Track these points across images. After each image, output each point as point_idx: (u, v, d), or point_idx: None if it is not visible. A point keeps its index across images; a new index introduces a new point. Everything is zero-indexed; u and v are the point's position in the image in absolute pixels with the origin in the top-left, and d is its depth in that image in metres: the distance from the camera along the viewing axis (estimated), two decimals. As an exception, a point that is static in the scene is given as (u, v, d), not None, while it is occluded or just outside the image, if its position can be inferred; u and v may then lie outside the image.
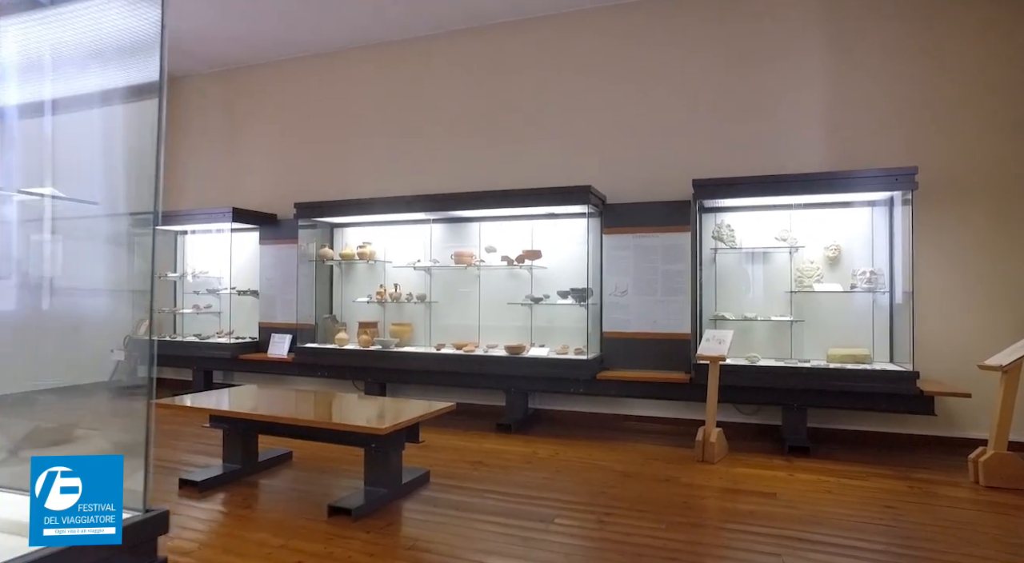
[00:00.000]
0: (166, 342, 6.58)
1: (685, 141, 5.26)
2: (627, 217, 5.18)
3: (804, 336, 4.77)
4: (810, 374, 4.32)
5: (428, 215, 5.75)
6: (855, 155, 4.73)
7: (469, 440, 4.75)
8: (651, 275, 5.07)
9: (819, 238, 4.76)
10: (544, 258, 5.45)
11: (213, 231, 6.81)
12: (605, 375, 4.90)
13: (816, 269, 4.68)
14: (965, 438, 4.44)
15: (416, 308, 5.95)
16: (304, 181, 6.69)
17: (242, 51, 6.75)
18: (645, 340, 5.06)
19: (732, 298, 4.97)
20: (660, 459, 4.21)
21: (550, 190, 5.06)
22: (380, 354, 5.56)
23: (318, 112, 6.71)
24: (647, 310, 5.07)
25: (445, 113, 6.13)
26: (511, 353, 5.15)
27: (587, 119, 5.59)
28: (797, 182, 4.41)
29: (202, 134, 7.32)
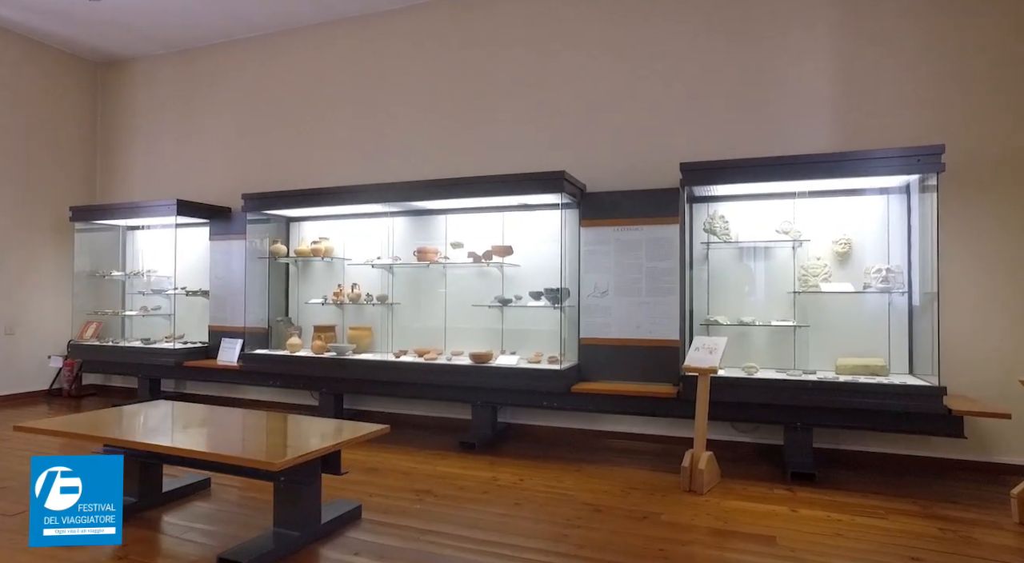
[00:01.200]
0: (109, 347, 6.01)
1: (673, 123, 4.64)
2: (607, 207, 4.57)
3: (809, 343, 4.15)
4: (816, 388, 3.69)
5: (390, 207, 5.15)
6: (868, 138, 4.10)
7: (424, 461, 4.15)
8: (634, 273, 4.46)
9: (826, 231, 4.14)
10: (517, 254, 4.85)
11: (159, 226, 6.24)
12: (581, 388, 4.29)
13: (823, 266, 4.05)
14: (1003, 465, 3.81)
15: (378, 310, 5.36)
16: (263, 171, 6.11)
17: (197, 30, 6.17)
18: (628, 347, 4.44)
19: (726, 300, 4.35)
20: (641, 487, 3.59)
21: (520, 177, 4.45)
22: (334, 362, 4.97)
23: (278, 96, 6.13)
24: (630, 313, 4.45)
25: (413, 96, 5.54)
26: (476, 362, 4.54)
27: (566, 100, 4.98)
28: (801, 165, 3.79)
29: (153, 120, 6.75)
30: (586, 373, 4.54)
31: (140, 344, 5.94)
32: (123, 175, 6.89)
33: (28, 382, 6.38)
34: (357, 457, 4.21)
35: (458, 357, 4.79)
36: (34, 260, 6.40)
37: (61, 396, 6.51)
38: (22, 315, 6.32)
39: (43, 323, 6.43)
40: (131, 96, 6.90)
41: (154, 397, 6.04)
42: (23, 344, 6.32)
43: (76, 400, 6.44)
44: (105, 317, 6.31)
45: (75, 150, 6.86)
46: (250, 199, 5.35)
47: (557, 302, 4.54)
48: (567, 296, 4.62)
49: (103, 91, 7.05)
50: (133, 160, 6.86)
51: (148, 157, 6.76)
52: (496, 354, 4.74)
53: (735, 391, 3.84)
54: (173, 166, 6.61)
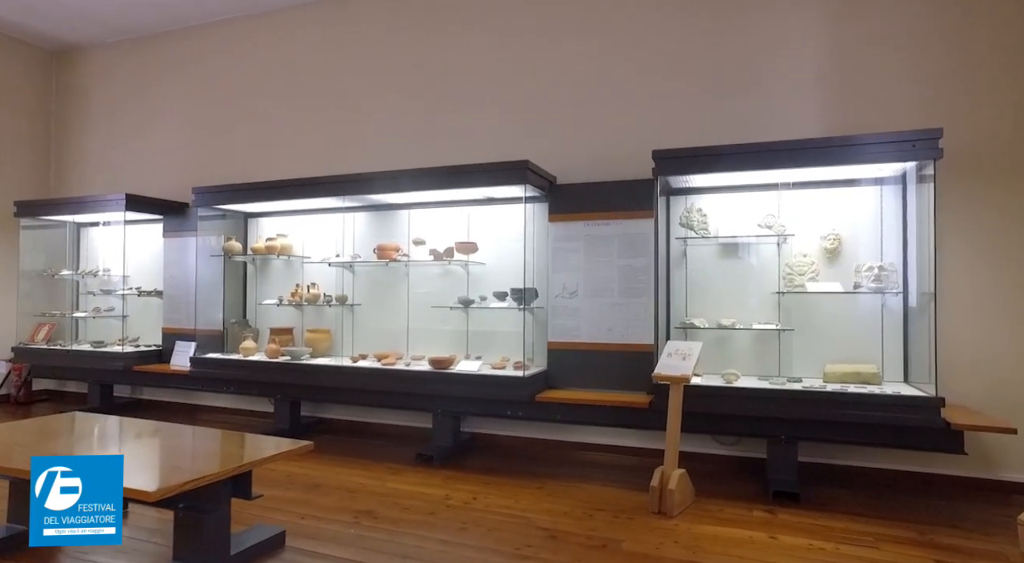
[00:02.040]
0: (56, 351, 5.67)
1: (649, 109, 4.29)
2: (576, 200, 4.22)
3: (796, 349, 3.80)
4: (801, 398, 3.34)
5: (348, 202, 4.81)
6: (859, 125, 3.74)
7: (375, 476, 3.80)
8: (606, 272, 4.11)
9: (814, 226, 3.79)
10: (483, 252, 4.51)
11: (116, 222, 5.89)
12: (546, 397, 3.94)
13: (810, 264, 3.70)
14: (1008, 483, 3.46)
15: (338, 312, 5.01)
16: (222, 164, 5.76)
17: (154, 15, 5.84)
18: (599, 352, 4.09)
19: (706, 301, 4.00)
20: (606, 508, 3.24)
21: (482, 167, 4.10)
22: (286, 367, 4.62)
23: (238, 85, 5.79)
24: (601, 315, 4.10)
25: (379, 85, 5.20)
26: (436, 368, 4.20)
27: (536, 86, 4.63)
28: (785, 152, 3.44)
29: (110, 111, 6.41)
30: (554, 380, 4.18)
31: (89, 347, 5.59)
32: (79, 168, 6.56)
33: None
34: (301, 471, 3.87)
35: (419, 362, 4.44)
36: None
37: (9, 402, 6.16)
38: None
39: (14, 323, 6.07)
40: (87, 86, 6.56)
41: (105, 403, 5.72)
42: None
43: (26, 406, 6.10)
44: (54, 318, 5.96)
45: (27, 142, 6.52)
46: (201, 193, 5.01)
47: (526, 303, 4.19)
48: (534, 297, 4.28)
49: (58, 80, 6.71)
50: (89, 153, 6.52)
51: (105, 150, 6.42)
52: (459, 359, 4.40)
53: (713, 401, 3.48)
54: (130, 159, 6.26)
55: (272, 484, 3.61)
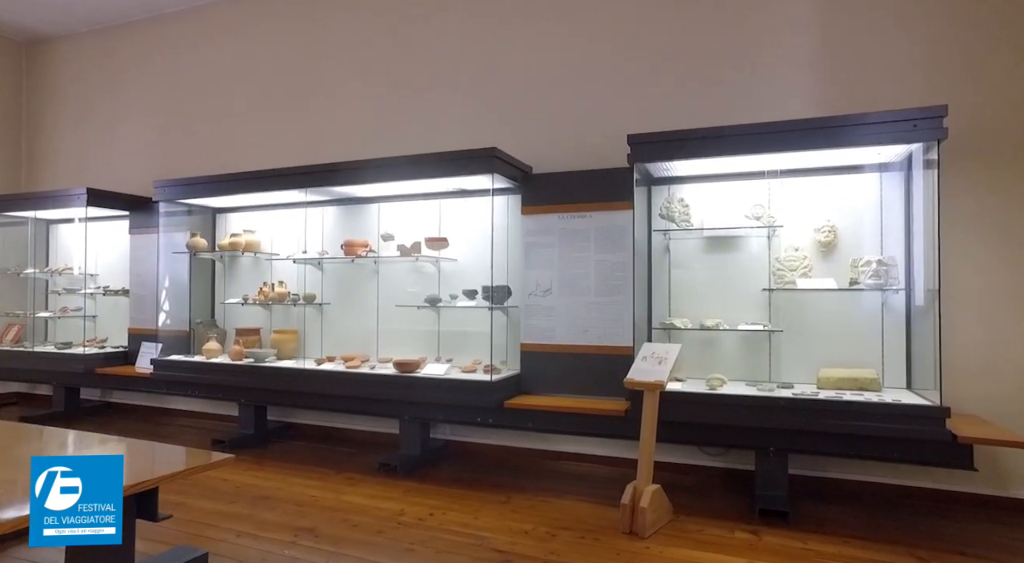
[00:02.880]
0: (17, 352, 5.45)
1: (629, 94, 3.99)
2: (550, 191, 3.92)
3: (786, 351, 3.48)
4: (792, 407, 3.02)
5: (317, 195, 4.54)
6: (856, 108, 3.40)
7: (331, 487, 3.53)
8: (582, 268, 3.81)
9: (807, 216, 3.47)
10: (454, 247, 4.23)
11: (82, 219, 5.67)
12: (515, 403, 3.64)
13: (802, 259, 3.38)
14: (1021, 501, 3.11)
15: (307, 312, 4.74)
16: (193, 157, 5.52)
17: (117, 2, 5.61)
18: (575, 355, 3.79)
19: (689, 300, 3.69)
20: (573, 526, 2.94)
21: (445, 156, 3.81)
22: (247, 370, 4.36)
23: (207, 75, 5.54)
24: (576, 315, 3.80)
25: (350, 74, 4.93)
26: (401, 371, 3.92)
27: (509, 72, 4.34)
28: (773, 135, 3.12)
29: (81, 103, 6.20)
30: (528, 385, 3.89)
31: (54, 349, 5.37)
32: (51, 164, 6.35)
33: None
34: (253, 481, 3.61)
35: (386, 365, 4.17)
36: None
37: (-23, 405, 5.97)
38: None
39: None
40: (57, 78, 6.36)
41: (71, 407, 5.50)
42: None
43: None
44: (18, 319, 5.75)
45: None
46: (162, 187, 4.77)
47: (499, 302, 3.91)
48: (506, 295, 3.99)
49: (29, 73, 6.52)
50: (60, 147, 6.31)
51: (75, 144, 6.21)
52: (428, 362, 4.12)
53: (695, 409, 3.17)
54: (100, 153, 6.05)
55: (217, 496, 3.35)
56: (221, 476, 3.73)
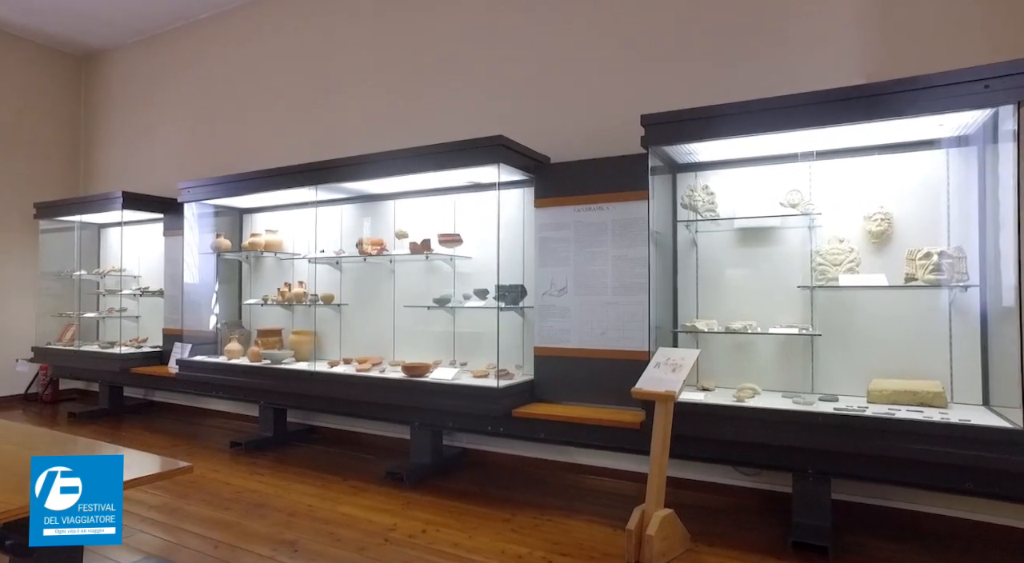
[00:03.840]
0: (67, 352, 5.68)
1: (650, 74, 3.62)
2: (565, 182, 3.61)
3: (831, 358, 3.02)
4: (833, 424, 2.58)
5: (335, 193, 4.45)
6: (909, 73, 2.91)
7: (331, 496, 3.37)
8: (599, 264, 3.48)
9: (854, 203, 3.00)
10: (469, 244, 4.00)
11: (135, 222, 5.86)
12: (525, 412, 3.36)
13: (848, 252, 2.92)
14: None
15: (327, 312, 4.65)
16: (223, 157, 5.57)
17: (158, 12, 5.76)
18: (591, 360, 3.46)
19: (717, 298, 3.29)
20: (573, 552, 2.63)
21: (449, 147, 3.58)
22: (261, 371, 4.31)
23: (240, 78, 5.59)
24: (593, 316, 3.47)
25: (365, 69, 4.81)
26: (409, 375, 3.72)
27: (525, 57, 4.07)
28: (814, 106, 2.68)
29: (127, 112, 6.43)
30: (543, 392, 3.60)
31: (97, 348, 5.56)
32: (104, 169, 6.63)
33: (2, 386, 6.19)
34: (257, 487, 3.52)
35: (396, 368, 3.99)
36: (9, 260, 6.21)
37: (37, 401, 6.29)
38: (0, 318, 6.15)
39: (17, 325, 6.22)
40: (109, 88, 6.63)
41: (114, 404, 5.68)
42: (-3, 346, 6.13)
43: (52, 405, 6.20)
44: (70, 319, 6.00)
45: (60, 146, 6.68)
46: (186, 188, 4.81)
47: (508, 302, 3.65)
48: (522, 295, 3.72)
49: (86, 85, 6.84)
50: (111, 153, 6.58)
51: (125, 150, 6.45)
52: (443, 365, 3.91)
53: (718, 424, 2.79)
54: (145, 158, 6.24)
55: (215, 501, 3.27)
56: (225, 479, 3.66)
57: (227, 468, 3.91)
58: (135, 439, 4.75)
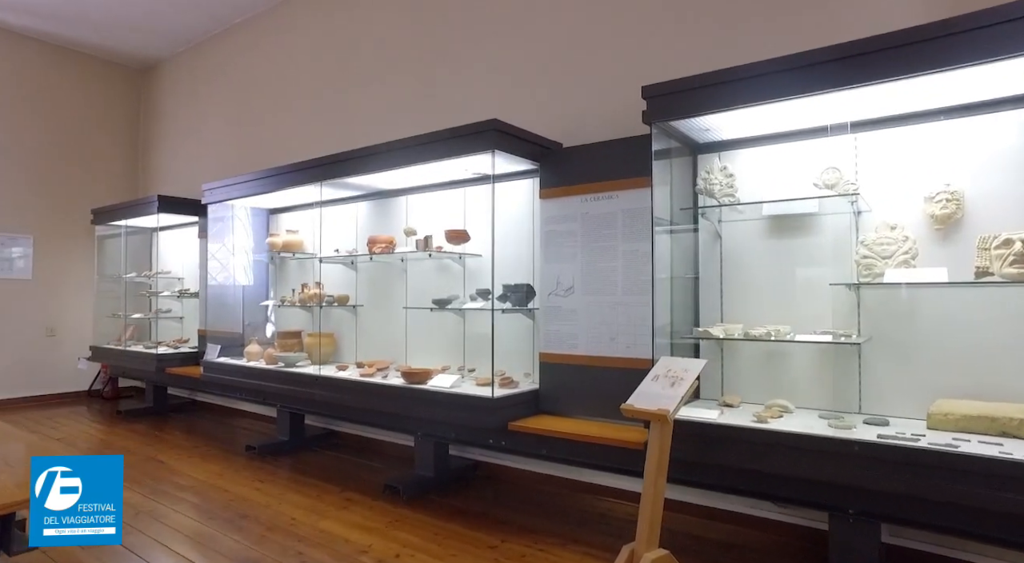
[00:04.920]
0: (116, 351, 5.90)
1: (666, 37, 3.17)
2: (571, 169, 3.23)
3: (883, 372, 2.47)
4: (877, 456, 2.06)
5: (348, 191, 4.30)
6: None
7: (317, 509, 3.18)
8: (608, 260, 3.07)
9: (912, 182, 2.43)
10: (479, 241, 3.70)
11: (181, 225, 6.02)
12: (522, 425, 3.02)
13: (903, 241, 2.37)
14: None
15: (344, 314, 4.52)
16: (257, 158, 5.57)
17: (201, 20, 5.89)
18: (599, 370, 3.07)
19: (742, 299, 2.81)
20: (556, 594, 2.27)
21: (442, 135, 3.29)
22: (270, 373, 4.22)
23: (273, 78, 5.59)
24: (602, 319, 3.07)
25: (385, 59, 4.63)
26: (408, 381, 3.47)
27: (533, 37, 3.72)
28: (848, 61, 2.16)
29: (176, 119, 6.65)
30: (548, 403, 3.24)
31: (142, 348, 5.73)
32: (162, 175, 6.88)
33: (69, 383, 6.56)
34: (248, 494, 3.40)
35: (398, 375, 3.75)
36: (74, 264, 6.56)
37: (99, 398, 6.61)
38: (62, 317, 6.51)
39: (82, 325, 6.56)
40: (160, 96, 6.90)
41: (158, 403, 5.83)
42: (64, 345, 6.49)
43: (112, 402, 6.49)
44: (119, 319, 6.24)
45: (119, 154, 7.02)
46: (208, 190, 4.83)
47: (514, 303, 3.33)
48: (529, 295, 3.39)
49: (144, 96, 7.15)
50: (162, 159, 6.83)
51: (179, 154, 6.67)
52: (449, 370, 3.64)
53: (732, 449, 2.33)
54: (187, 161, 6.42)
55: (202, 510, 3.18)
56: (225, 486, 3.57)
57: (233, 473, 3.83)
58: (160, 439, 4.81)
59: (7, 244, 6.19)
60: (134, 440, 4.74)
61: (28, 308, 6.28)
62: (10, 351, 6.15)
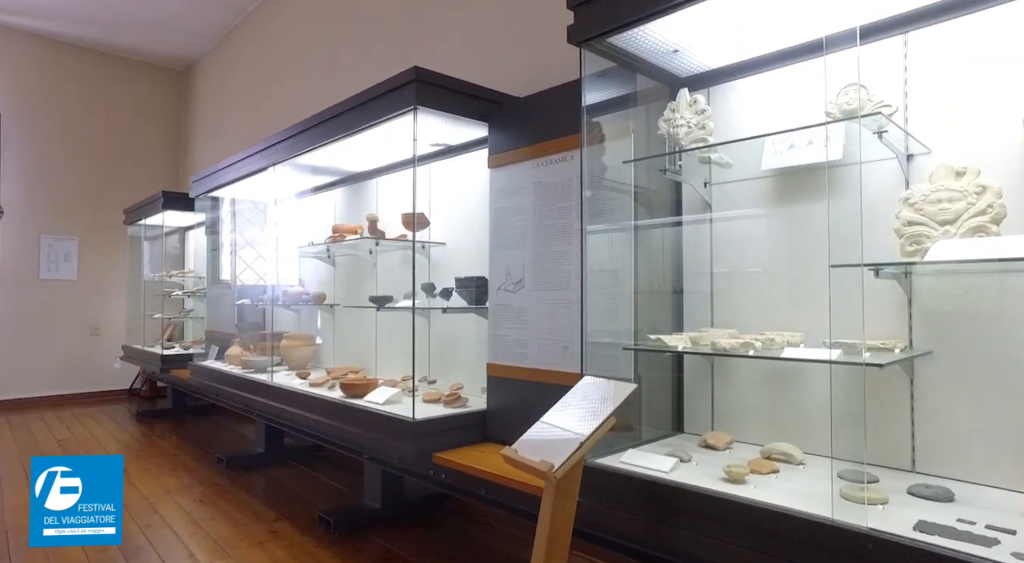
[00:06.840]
0: (138, 351, 5.87)
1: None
2: (519, 127, 2.50)
3: (943, 405, 1.54)
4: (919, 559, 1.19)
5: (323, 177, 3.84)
6: None
7: (235, 541, 2.70)
8: (562, 243, 2.31)
9: (993, 103, 1.49)
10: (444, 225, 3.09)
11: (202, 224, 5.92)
12: (446, 458, 2.33)
13: (977, 194, 1.43)
14: None
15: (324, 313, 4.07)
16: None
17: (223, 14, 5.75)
18: (553, 388, 2.30)
19: (741, 291, 1.95)
20: None
21: (363, 96, 2.68)
22: (231, 379, 3.83)
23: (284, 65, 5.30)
24: (554, 322, 2.32)
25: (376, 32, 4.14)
26: (346, 394, 2.91)
27: None
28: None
29: (205, 116, 6.60)
30: (495, 428, 2.53)
31: (158, 348, 5.65)
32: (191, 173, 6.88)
33: (112, 381, 6.69)
34: (174, 518, 2.97)
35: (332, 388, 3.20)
36: (115, 263, 6.68)
37: (138, 396, 6.69)
38: (105, 316, 6.65)
39: (122, 325, 6.67)
40: (197, 94, 6.91)
41: (177, 404, 5.74)
42: (107, 344, 6.63)
43: (149, 400, 6.54)
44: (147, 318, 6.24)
45: (162, 155, 7.13)
46: (194, 182, 4.57)
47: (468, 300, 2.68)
48: (485, 291, 2.70)
49: (185, 95, 7.21)
50: (197, 157, 6.82)
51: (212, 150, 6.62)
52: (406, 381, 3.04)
53: (686, 525, 1.52)
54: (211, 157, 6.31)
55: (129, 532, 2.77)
56: (158, 506, 3.19)
57: (182, 491, 3.44)
58: (150, 445, 4.59)
59: (55, 246, 6.40)
60: (118, 445, 4.52)
61: (73, 308, 6.46)
62: (58, 350, 6.35)
